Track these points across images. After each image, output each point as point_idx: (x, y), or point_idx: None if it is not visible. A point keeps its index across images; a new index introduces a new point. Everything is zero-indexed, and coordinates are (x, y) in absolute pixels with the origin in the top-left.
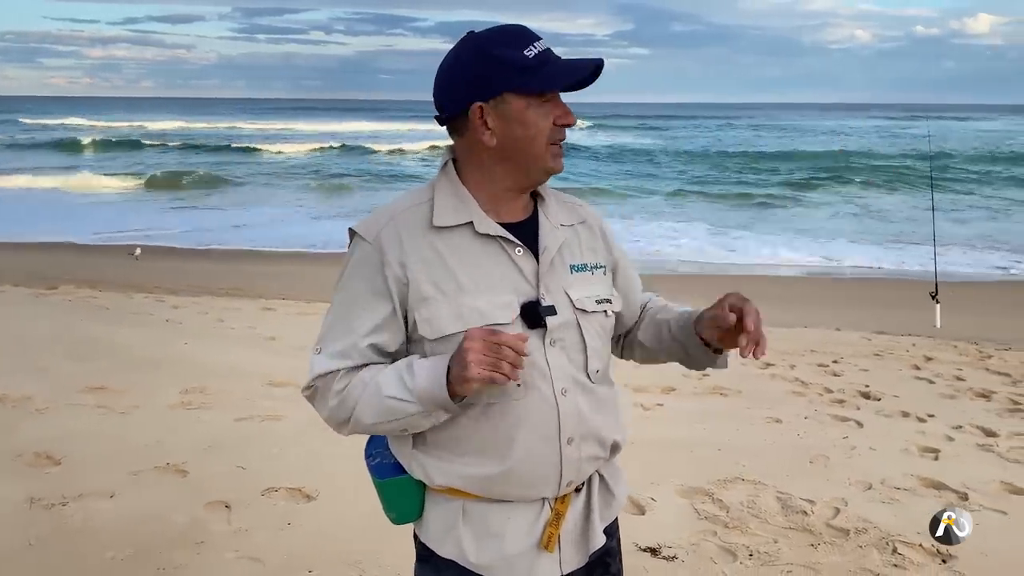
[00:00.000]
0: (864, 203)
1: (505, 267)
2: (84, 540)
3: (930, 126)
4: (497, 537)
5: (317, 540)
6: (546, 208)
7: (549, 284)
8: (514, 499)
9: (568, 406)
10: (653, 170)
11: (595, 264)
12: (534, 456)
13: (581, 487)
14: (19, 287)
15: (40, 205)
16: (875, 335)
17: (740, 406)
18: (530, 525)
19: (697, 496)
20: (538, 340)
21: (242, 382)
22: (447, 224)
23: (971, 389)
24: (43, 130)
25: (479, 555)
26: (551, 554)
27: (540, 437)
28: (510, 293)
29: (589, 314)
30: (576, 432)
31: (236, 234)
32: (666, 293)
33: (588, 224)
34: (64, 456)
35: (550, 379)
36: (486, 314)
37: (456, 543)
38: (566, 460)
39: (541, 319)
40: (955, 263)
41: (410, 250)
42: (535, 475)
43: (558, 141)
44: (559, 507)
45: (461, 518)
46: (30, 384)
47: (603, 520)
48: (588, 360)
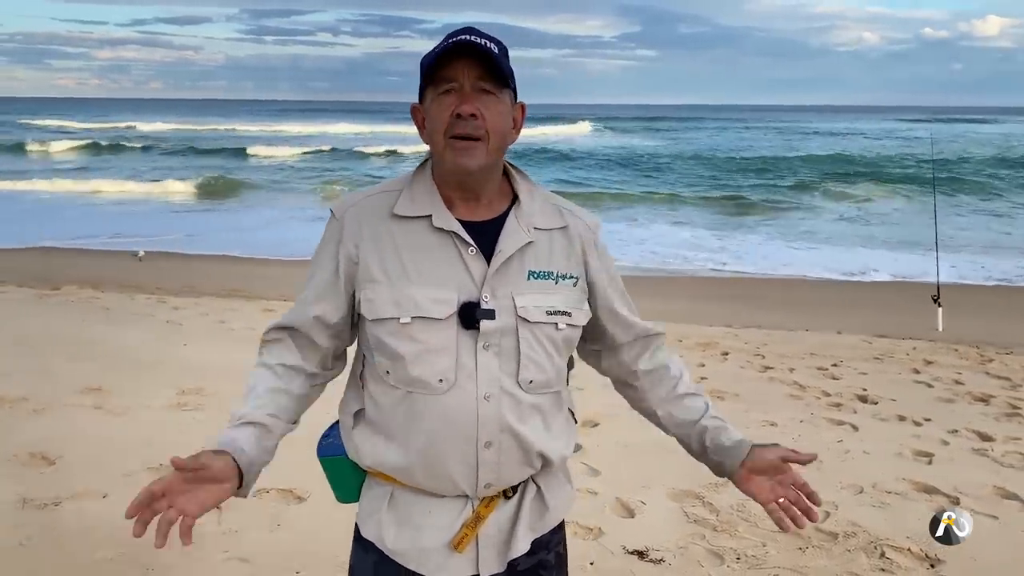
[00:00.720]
0: (869, 206)
1: (454, 264)
2: (75, 540)
3: (937, 129)
4: (415, 528)
5: (306, 541)
6: (519, 209)
7: (496, 288)
8: (430, 490)
9: (489, 411)
10: (658, 173)
11: (562, 274)
12: (446, 452)
13: (512, 493)
14: (23, 287)
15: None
16: (876, 338)
17: (737, 409)
18: (449, 523)
19: (688, 499)
20: (471, 341)
21: (240, 383)
22: (406, 214)
23: (970, 393)
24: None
25: (396, 542)
26: (467, 552)
27: (456, 435)
28: (452, 290)
29: (532, 324)
30: (495, 437)
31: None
32: (668, 297)
33: (569, 232)
34: (59, 456)
35: (475, 382)
36: (421, 306)
37: (377, 526)
38: (483, 462)
39: (476, 321)
40: (959, 267)
41: (368, 233)
42: (447, 471)
43: (458, 135)
44: (481, 509)
45: (387, 503)
46: (28, 384)
47: (533, 530)
48: (520, 369)
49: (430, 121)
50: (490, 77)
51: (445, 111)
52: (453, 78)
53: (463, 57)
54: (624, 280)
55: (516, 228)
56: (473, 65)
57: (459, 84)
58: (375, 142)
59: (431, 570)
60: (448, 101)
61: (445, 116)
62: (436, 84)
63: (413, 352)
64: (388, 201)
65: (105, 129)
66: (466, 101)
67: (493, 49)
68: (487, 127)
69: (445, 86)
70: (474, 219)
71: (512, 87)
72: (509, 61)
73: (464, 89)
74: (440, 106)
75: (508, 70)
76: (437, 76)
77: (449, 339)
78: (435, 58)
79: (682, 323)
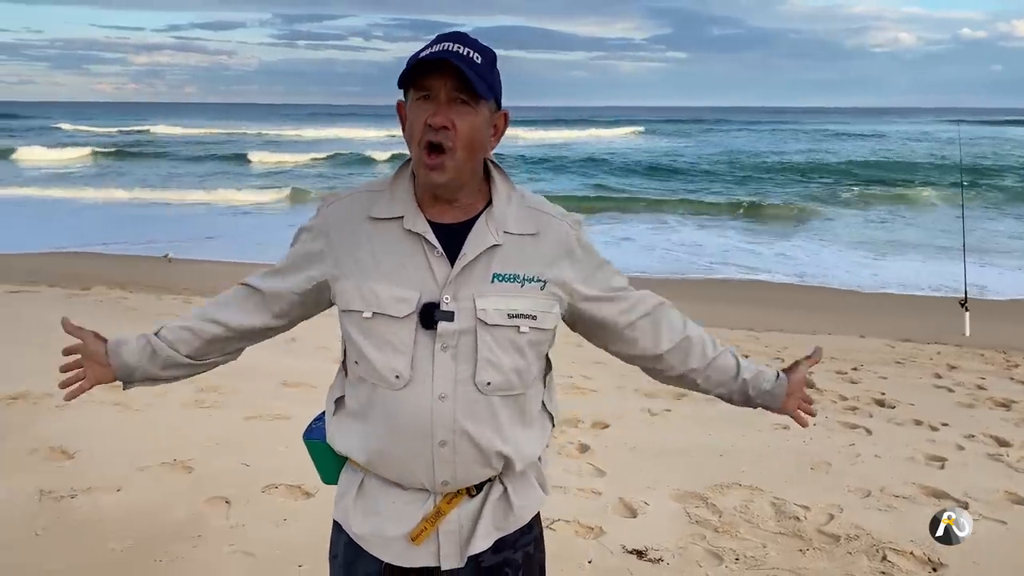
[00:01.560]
0: (900, 211)
1: (419, 266)
2: (88, 531)
3: (968, 132)
4: (378, 516)
5: (311, 536)
6: (490, 213)
7: (458, 290)
8: (394, 480)
9: (443, 410)
10: (691, 176)
11: (528, 277)
12: (402, 447)
13: (476, 491)
14: (54, 287)
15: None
16: (899, 342)
17: (749, 412)
18: (411, 514)
19: (691, 500)
20: (429, 341)
21: (256, 382)
22: (382, 216)
23: (991, 398)
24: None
25: (360, 526)
26: (428, 544)
27: (411, 432)
28: (414, 290)
29: (491, 326)
30: (449, 437)
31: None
32: (689, 299)
33: (544, 237)
34: (77, 451)
35: (431, 381)
36: (382, 302)
37: (344, 510)
38: (438, 460)
39: (435, 322)
40: (987, 277)
41: (345, 229)
42: (404, 465)
43: (430, 141)
44: (443, 505)
45: (356, 489)
46: (53, 382)
47: (498, 529)
48: (477, 371)
49: (408, 125)
50: (465, 89)
51: (420, 117)
52: (430, 87)
53: (441, 67)
54: (646, 283)
55: (484, 231)
56: (450, 77)
57: (435, 93)
58: (388, 147)
59: (391, 557)
60: (424, 108)
61: (420, 123)
62: (416, 88)
63: (372, 346)
64: (369, 201)
65: (112, 134)
66: (439, 112)
67: (476, 59)
68: (456, 138)
69: (422, 92)
70: (446, 221)
71: (494, 97)
72: (495, 70)
73: (439, 99)
74: (417, 111)
75: (488, 83)
76: (416, 81)
77: (407, 338)
78: (414, 66)
79: (703, 327)
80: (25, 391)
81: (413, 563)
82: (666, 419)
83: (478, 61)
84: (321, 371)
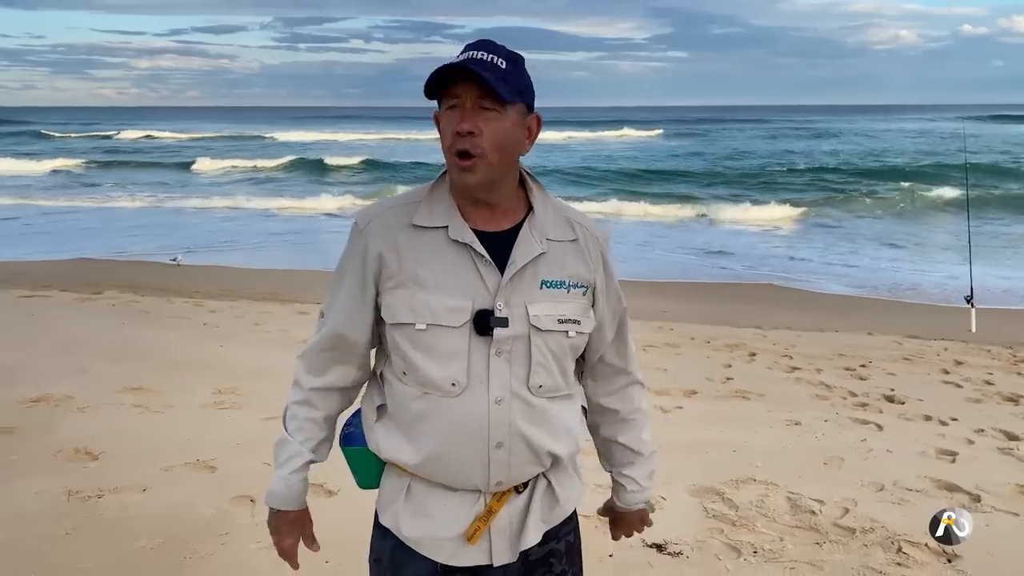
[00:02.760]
0: (903, 209)
1: (469, 274)
2: (117, 530)
3: (971, 128)
4: (430, 518)
5: (336, 533)
6: (533, 220)
7: (510, 297)
8: (444, 483)
9: (500, 414)
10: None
11: (573, 283)
12: (458, 452)
13: (523, 488)
14: (66, 291)
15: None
16: (907, 339)
17: (761, 409)
18: (462, 514)
19: (707, 495)
20: (484, 347)
21: (273, 383)
22: (425, 225)
23: (999, 393)
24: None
25: (411, 530)
26: (481, 542)
27: (467, 437)
28: (466, 299)
29: (544, 332)
30: (506, 439)
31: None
32: (696, 299)
33: (580, 243)
34: (101, 452)
35: (487, 387)
36: (435, 313)
37: (394, 515)
38: (494, 462)
39: (489, 328)
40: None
41: (390, 242)
42: (459, 469)
43: (459, 149)
44: (493, 504)
45: (404, 494)
46: (72, 384)
47: (544, 522)
48: (531, 374)
49: (441, 135)
50: (488, 96)
51: (449, 127)
52: (456, 95)
53: (463, 76)
54: (653, 285)
55: (529, 239)
56: (472, 84)
57: (461, 101)
58: (358, 151)
59: (444, 558)
60: (452, 117)
61: (450, 131)
62: (445, 99)
63: (426, 357)
64: (408, 212)
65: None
66: (465, 119)
67: (500, 64)
68: (484, 143)
69: (451, 102)
70: (489, 229)
71: (523, 100)
72: (524, 73)
73: (465, 106)
74: (447, 121)
75: (515, 86)
76: (444, 92)
77: (462, 345)
78: (437, 78)
79: (711, 324)
80: (46, 394)
81: (466, 562)
82: (679, 416)
83: (503, 66)
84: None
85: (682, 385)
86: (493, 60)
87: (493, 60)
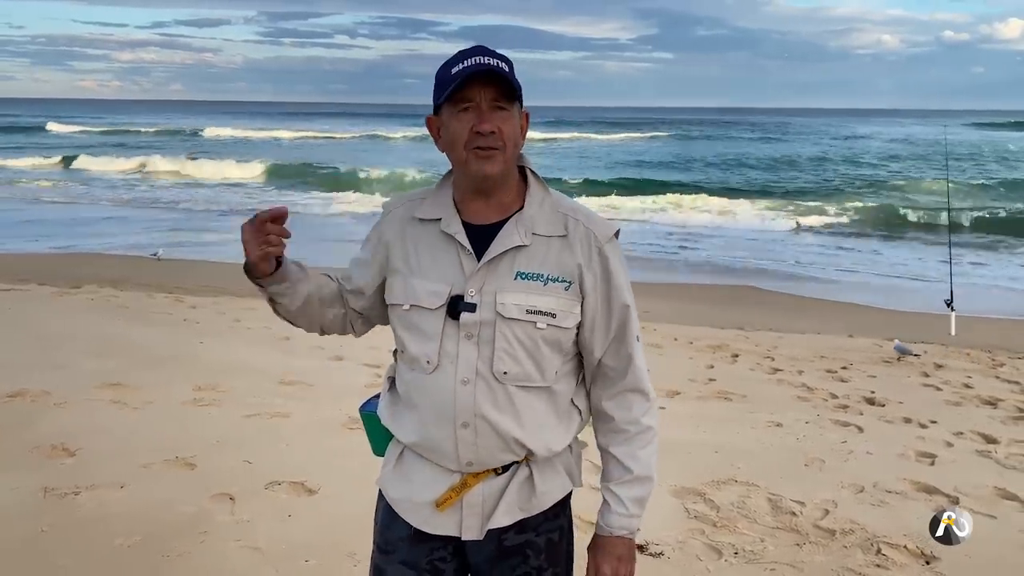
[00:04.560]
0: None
1: (451, 263)
2: (94, 528)
3: (952, 132)
4: (410, 483)
5: (316, 532)
6: (520, 215)
7: (482, 285)
8: (427, 456)
9: (465, 394)
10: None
11: (553, 277)
12: (430, 427)
13: (502, 471)
14: (44, 285)
15: None
16: (887, 342)
17: (743, 410)
18: (440, 483)
19: (689, 496)
20: (456, 330)
21: (254, 380)
22: (424, 217)
23: (978, 396)
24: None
25: (394, 491)
26: (451, 514)
27: (438, 412)
28: (445, 284)
29: (509, 320)
30: (471, 420)
31: None
32: (681, 299)
33: (569, 239)
34: (79, 449)
35: (456, 366)
36: (419, 295)
37: (385, 476)
38: (461, 441)
39: (457, 312)
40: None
41: (399, 230)
42: (433, 443)
43: (480, 146)
44: (469, 478)
45: (395, 459)
46: (49, 380)
47: (522, 510)
48: (495, 360)
49: (448, 134)
50: (504, 96)
51: (465, 127)
52: (471, 98)
53: (480, 79)
54: (635, 286)
55: (512, 232)
56: (489, 86)
57: (476, 103)
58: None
59: (418, 523)
60: (467, 118)
61: (465, 131)
62: (454, 102)
63: (409, 335)
64: (414, 206)
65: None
66: (485, 120)
67: (504, 68)
68: (504, 139)
69: (463, 104)
70: (482, 222)
71: (521, 99)
72: (514, 73)
73: (482, 108)
74: (460, 122)
75: (518, 87)
76: (455, 96)
77: (437, 327)
78: (457, 82)
79: (694, 325)
80: (22, 389)
81: (436, 530)
82: (661, 416)
83: (507, 69)
84: (317, 370)
85: (665, 385)
86: (499, 65)
87: (499, 65)
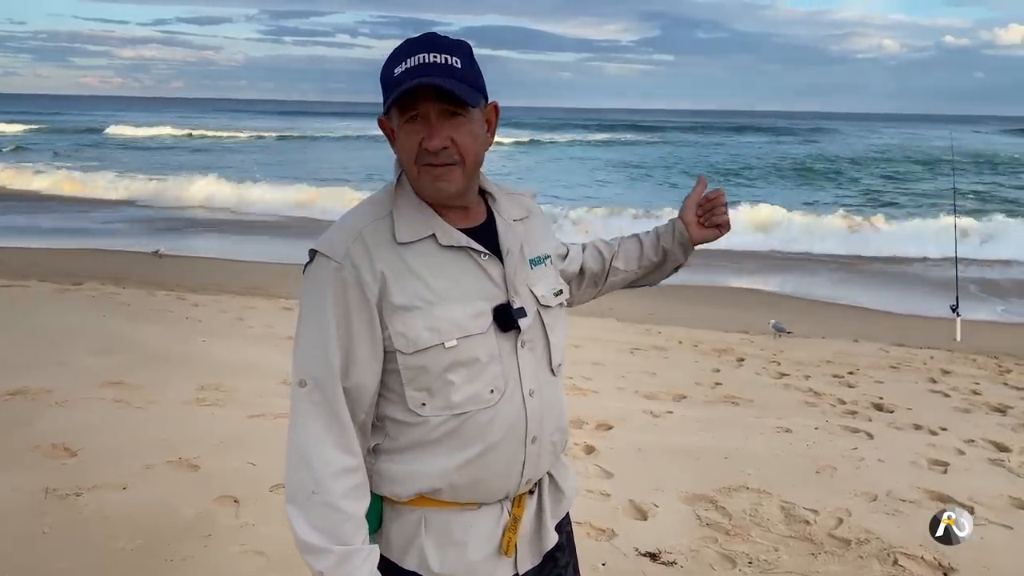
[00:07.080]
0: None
1: (474, 275)
2: (95, 530)
3: (955, 138)
4: (460, 545)
5: None
6: (498, 207)
7: (516, 285)
8: (478, 501)
9: (534, 406)
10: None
11: (546, 254)
12: (501, 458)
13: (534, 489)
14: (45, 282)
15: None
16: (893, 347)
17: (750, 415)
18: (491, 531)
19: (700, 503)
20: (511, 344)
21: (257, 380)
22: (410, 240)
23: (987, 403)
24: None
25: (443, 564)
26: (508, 557)
27: (508, 439)
28: (482, 301)
29: (550, 309)
30: (539, 431)
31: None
32: (686, 302)
33: (532, 217)
34: (80, 448)
35: (520, 382)
36: (461, 325)
37: (419, 554)
38: (529, 459)
39: (514, 322)
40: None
41: (381, 264)
42: (500, 475)
43: (430, 163)
44: (515, 511)
45: (423, 529)
46: (50, 378)
47: (554, 518)
48: (552, 355)
49: (399, 145)
50: (453, 102)
51: (413, 139)
52: (415, 107)
53: (424, 88)
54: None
55: (508, 225)
56: (434, 95)
57: (423, 112)
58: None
59: None
60: (415, 129)
61: (414, 145)
62: (401, 109)
63: (457, 374)
64: (386, 227)
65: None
66: (434, 135)
67: (455, 64)
68: (459, 151)
69: (410, 112)
70: (468, 226)
71: (483, 95)
72: (475, 64)
73: (429, 119)
74: (408, 133)
75: (474, 85)
76: (400, 101)
77: (492, 348)
78: (396, 94)
79: (699, 328)
80: (23, 387)
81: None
82: (669, 421)
83: (458, 66)
84: None
85: (671, 389)
86: (447, 61)
87: (447, 61)
